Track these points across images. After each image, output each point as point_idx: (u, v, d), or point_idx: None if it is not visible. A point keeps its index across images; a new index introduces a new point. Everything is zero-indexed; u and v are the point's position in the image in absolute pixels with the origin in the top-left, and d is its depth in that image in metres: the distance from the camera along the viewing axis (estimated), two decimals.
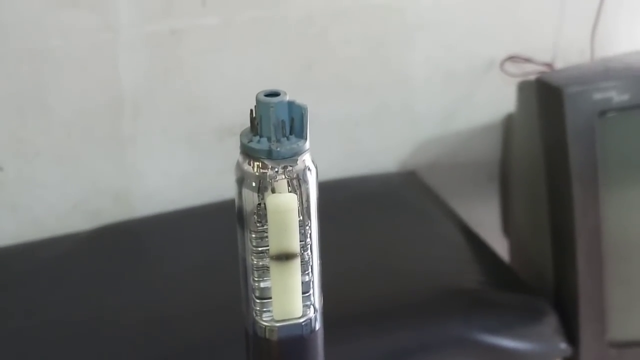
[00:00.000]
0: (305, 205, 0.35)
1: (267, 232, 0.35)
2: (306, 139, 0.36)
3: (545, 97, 0.95)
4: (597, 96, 0.92)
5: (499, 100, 1.14)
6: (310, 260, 0.36)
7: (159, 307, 0.87)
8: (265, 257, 0.35)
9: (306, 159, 0.36)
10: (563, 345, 0.91)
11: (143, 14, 0.99)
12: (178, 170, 1.08)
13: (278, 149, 0.35)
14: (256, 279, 0.36)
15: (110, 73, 1.00)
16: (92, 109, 1.02)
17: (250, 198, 0.35)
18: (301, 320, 0.37)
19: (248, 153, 0.36)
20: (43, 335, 0.84)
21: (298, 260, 0.35)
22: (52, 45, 0.97)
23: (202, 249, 0.97)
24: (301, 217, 0.35)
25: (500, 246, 1.12)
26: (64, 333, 0.84)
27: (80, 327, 0.85)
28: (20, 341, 0.84)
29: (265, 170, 0.34)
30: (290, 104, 0.36)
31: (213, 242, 0.93)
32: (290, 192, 0.35)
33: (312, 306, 0.37)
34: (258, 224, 0.35)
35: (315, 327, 0.37)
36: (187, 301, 0.88)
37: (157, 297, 0.89)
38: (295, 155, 0.35)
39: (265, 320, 0.37)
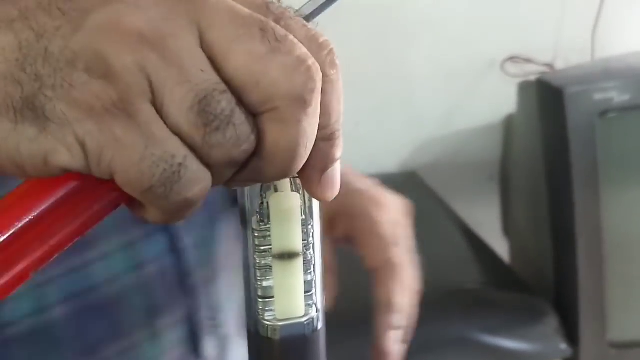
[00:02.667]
0: (307, 204, 0.35)
1: (269, 231, 0.35)
2: None
3: (546, 97, 0.95)
4: (598, 96, 0.92)
5: (500, 100, 1.14)
6: (313, 259, 0.36)
7: None
8: (268, 256, 0.35)
9: None
10: (563, 346, 0.91)
11: None
12: None
13: None
14: (258, 278, 0.36)
15: None
16: None
17: (253, 197, 0.35)
18: (303, 319, 0.37)
19: None
20: None
21: (300, 259, 0.35)
22: None
23: None
24: (304, 216, 0.35)
25: (500, 246, 1.12)
26: None
27: None
28: None
29: None
30: None
31: None
32: (293, 191, 0.35)
33: (314, 305, 0.37)
34: (261, 223, 0.35)
35: (317, 327, 0.37)
36: None
37: None
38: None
39: (267, 319, 0.37)
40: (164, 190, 0.28)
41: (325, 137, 0.31)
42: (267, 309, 0.36)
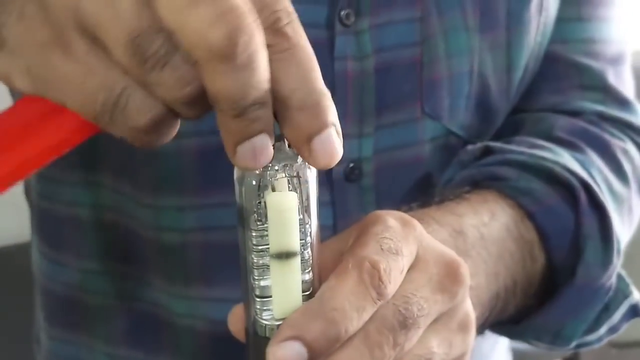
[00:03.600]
0: (305, 203, 0.35)
1: (267, 231, 0.35)
2: None
3: None
4: None
5: None
6: (311, 259, 0.36)
7: None
8: (266, 256, 0.35)
9: None
10: None
11: None
12: None
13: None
14: (256, 278, 0.36)
15: None
16: None
17: (250, 196, 0.35)
18: None
19: None
20: None
21: (298, 259, 0.35)
22: None
23: None
24: (301, 216, 0.35)
25: None
26: None
27: None
28: (22, 338, 0.84)
29: (266, 169, 0.34)
30: None
31: None
32: (291, 190, 0.35)
33: None
34: (258, 223, 0.35)
35: None
36: None
37: None
38: (295, 153, 0.35)
39: (265, 319, 0.37)
40: (109, 118, 0.30)
41: (295, 106, 0.31)
42: (264, 308, 0.36)
